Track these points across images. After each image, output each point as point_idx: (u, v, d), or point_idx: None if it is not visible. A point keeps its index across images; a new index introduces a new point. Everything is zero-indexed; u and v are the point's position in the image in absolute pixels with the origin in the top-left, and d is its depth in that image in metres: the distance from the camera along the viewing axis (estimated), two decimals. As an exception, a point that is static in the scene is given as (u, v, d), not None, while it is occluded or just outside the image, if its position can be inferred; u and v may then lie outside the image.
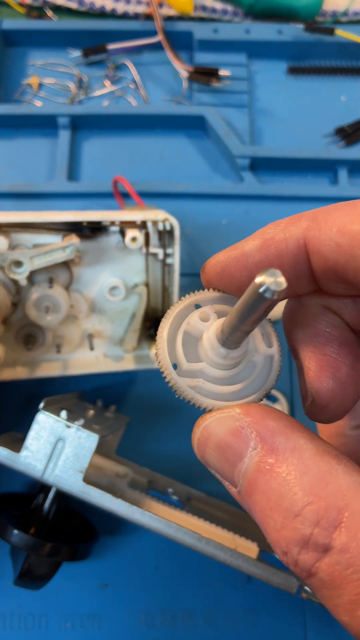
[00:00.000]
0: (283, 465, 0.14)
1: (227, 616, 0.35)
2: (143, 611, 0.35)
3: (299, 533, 0.13)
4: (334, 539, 0.13)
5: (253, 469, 0.15)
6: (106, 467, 0.33)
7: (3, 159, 0.45)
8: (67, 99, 0.47)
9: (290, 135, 0.47)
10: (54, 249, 0.29)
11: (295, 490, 0.14)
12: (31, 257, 0.29)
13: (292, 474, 0.14)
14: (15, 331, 0.32)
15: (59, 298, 0.31)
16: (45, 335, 0.32)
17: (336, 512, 0.13)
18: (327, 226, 0.15)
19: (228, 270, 0.17)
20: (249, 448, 0.15)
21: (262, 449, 0.15)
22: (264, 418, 0.15)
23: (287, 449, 0.14)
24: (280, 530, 0.14)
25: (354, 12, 0.50)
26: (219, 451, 0.16)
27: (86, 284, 0.33)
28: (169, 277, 0.33)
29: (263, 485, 0.14)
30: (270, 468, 0.14)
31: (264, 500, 0.14)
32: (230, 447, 0.15)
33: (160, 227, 0.31)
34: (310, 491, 0.14)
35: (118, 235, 0.32)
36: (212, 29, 0.47)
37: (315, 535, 0.13)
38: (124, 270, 0.33)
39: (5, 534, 0.28)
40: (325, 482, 0.14)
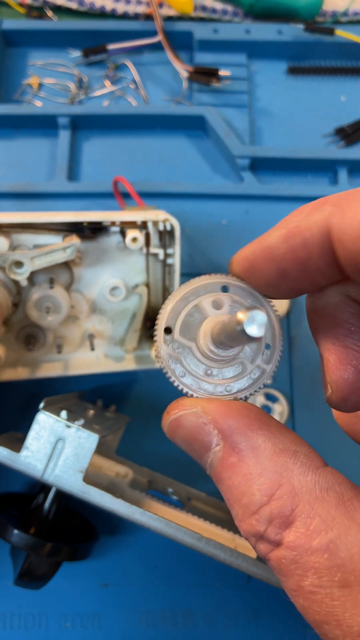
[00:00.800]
0: (243, 464, 0.15)
1: (227, 616, 0.35)
2: (143, 611, 0.35)
3: (255, 528, 0.15)
4: (283, 536, 0.14)
5: (218, 464, 0.16)
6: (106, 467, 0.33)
7: (3, 159, 0.45)
8: (67, 99, 0.47)
9: (290, 135, 0.47)
10: (54, 250, 0.29)
11: (252, 490, 0.15)
12: (32, 257, 0.29)
13: (251, 474, 0.15)
14: (16, 332, 0.32)
15: (59, 299, 0.31)
16: (46, 335, 0.32)
17: (288, 513, 0.14)
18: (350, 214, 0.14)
19: (255, 265, 0.17)
20: (212, 444, 0.16)
21: (224, 447, 0.16)
22: (224, 416, 0.16)
23: (247, 449, 0.15)
24: (240, 521, 0.15)
25: (354, 12, 0.50)
26: (186, 442, 0.17)
27: (87, 284, 0.33)
28: (169, 277, 0.33)
29: (226, 480, 0.16)
30: (231, 465, 0.15)
31: (228, 492, 0.16)
32: (196, 440, 0.16)
33: (160, 228, 0.31)
34: (265, 492, 0.15)
35: (118, 236, 0.32)
36: (212, 29, 0.47)
37: (268, 532, 0.15)
38: (125, 271, 0.33)
39: (5, 534, 0.28)
40: (279, 483, 0.15)
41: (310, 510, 0.14)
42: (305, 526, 0.14)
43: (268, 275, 0.17)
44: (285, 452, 0.15)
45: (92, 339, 0.33)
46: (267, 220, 0.43)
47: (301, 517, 0.14)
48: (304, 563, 0.14)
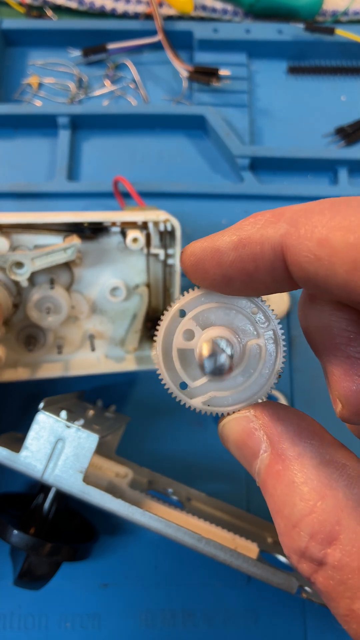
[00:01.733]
0: (287, 472, 0.15)
1: (227, 616, 0.35)
2: (143, 611, 0.35)
3: (296, 544, 0.14)
4: (328, 554, 0.13)
5: (264, 471, 0.15)
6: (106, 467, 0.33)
7: (3, 158, 0.44)
8: (67, 98, 0.47)
9: (290, 135, 0.47)
10: (55, 250, 0.29)
11: (295, 501, 0.14)
12: (32, 258, 0.29)
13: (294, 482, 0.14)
14: (16, 332, 0.32)
15: (60, 299, 0.31)
16: (47, 336, 0.32)
17: (330, 527, 0.13)
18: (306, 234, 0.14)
19: (202, 264, 0.16)
20: (261, 450, 0.16)
21: (271, 453, 0.15)
22: (273, 421, 0.16)
23: (293, 457, 0.15)
24: (282, 535, 0.14)
25: (354, 12, 0.50)
26: (237, 449, 0.17)
27: (87, 284, 0.33)
28: (170, 277, 0.33)
29: (271, 488, 0.15)
30: (276, 473, 0.15)
31: (272, 502, 0.15)
32: (246, 446, 0.16)
33: (161, 228, 0.31)
34: (308, 502, 0.14)
35: (119, 236, 0.32)
36: (212, 29, 0.47)
37: (310, 548, 0.14)
38: (125, 271, 0.33)
39: (5, 534, 0.28)
40: (324, 495, 0.14)
41: (356, 525, 0.13)
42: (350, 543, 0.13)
43: (213, 277, 0.16)
44: (333, 464, 0.14)
45: (93, 340, 0.33)
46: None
47: (346, 533, 0.13)
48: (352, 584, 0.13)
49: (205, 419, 0.38)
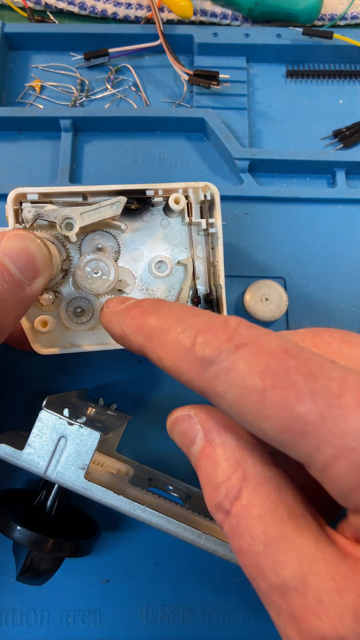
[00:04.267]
0: (214, 454, 0.20)
1: (226, 611, 0.35)
2: (143, 607, 0.35)
3: (215, 501, 0.20)
4: (233, 506, 0.19)
5: (198, 453, 0.21)
6: (107, 465, 0.34)
7: (7, 161, 0.45)
8: (69, 101, 0.48)
9: (288, 137, 0.47)
10: (102, 206, 0.31)
11: (217, 472, 0.20)
12: (81, 213, 0.31)
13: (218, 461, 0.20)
14: (65, 305, 0.33)
15: (108, 262, 0.32)
16: (94, 308, 0.33)
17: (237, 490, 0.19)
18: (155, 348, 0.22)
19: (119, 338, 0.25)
20: (197, 438, 0.21)
21: (204, 441, 0.21)
22: (207, 419, 0.21)
23: (219, 443, 0.21)
24: (207, 497, 0.20)
25: (352, 16, 0.51)
26: (180, 436, 0.22)
27: (133, 261, 0.34)
28: (213, 252, 0.34)
29: (202, 465, 0.21)
30: (207, 454, 0.21)
31: (202, 475, 0.21)
32: (187, 435, 0.22)
33: (201, 197, 0.33)
34: (225, 474, 0.20)
35: (162, 213, 0.34)
36: (212, 33, 0.47)
37: (223, 503, 0.19)
38: (170, 247, 0.34)
39: (8, 530, 0.29)
40: (236, 469, 0.20)
41: (253, 490, 0.19)
42: (247, 500, 0.19)
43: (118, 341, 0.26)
44: (246, 449, 0.20)
45: None
46: (267, 222, 0.44)
47: (245, 494, 0.19)
48: (241, 527, 0.19)
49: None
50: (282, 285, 0.42)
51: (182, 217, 0.34)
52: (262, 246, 0.43)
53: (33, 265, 0.27)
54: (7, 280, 0.25)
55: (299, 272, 0.42)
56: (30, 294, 0.27)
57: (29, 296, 0.27)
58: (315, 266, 0.43)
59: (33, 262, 0.27)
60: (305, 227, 0.44)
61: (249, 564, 0.18)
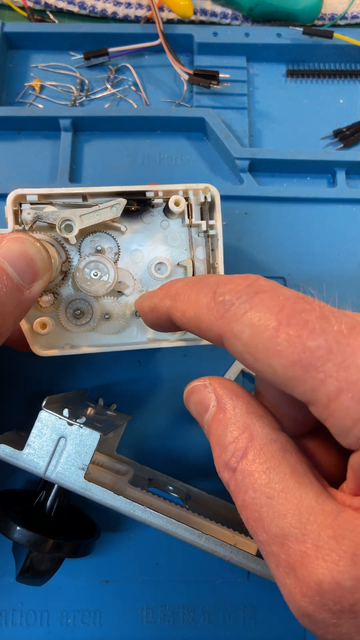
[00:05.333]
0: (225, 418, 0.22)
1: (226, 612, 0.35)
2: (143, 607, 0.35)
3: (223, 459, 0.21)
4: (239, 463, 0.21)
5: (211, 419, 0.23)
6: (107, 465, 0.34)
7: (7, 160, 0.45)
8: (68, 101, 0.47)
9: (289, 137, 0.47)
10: (102, 207, 0.31)
11: (227, 434, 0.22)
12: (81, 215, 0.31)
13: (228, 424, 0.22)
14: (64, 307, 0.33)
15: (107, 264, 0.32)
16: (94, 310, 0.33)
17: (243, 450, 0.21)
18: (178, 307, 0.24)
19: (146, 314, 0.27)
20: (210, 405, 0.23)
21: (217, 407, 0.23)
22: (220, 387, 0.23)
23: (229, 408, 0.22)
24: (216, 457, 0.22)
25: (353, 15, 0.51)
26: (195, 404, 0.24)
27: (132, 263, 0.34)
28: (213, 254, 0.34)
29: (213, 429, 0.22)
30: (218, 419, 0.22)
31: (213, 438, 0.22)
32: (201, 403, 0.23)
33: (201, 198, 0.33)
34: (234, 435, 0.21)
35: (162, 215, 0.34)
36: (212, 32, 0.47)
37: (230, 461, 0.21)
38: (169, 248, 0.34)
39: (7, 531, 0.29)
40: (243, 430, 0.21)
41: (259, 449, 0.20)
42: (253, 458, 0.20)
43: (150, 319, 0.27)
44: (254, 414, 0.22)
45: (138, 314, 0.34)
46: (267, 222, 0.44)
47: (251, 452, 0.20)
48: (246, 483, 0.20)
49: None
50: (282, 285, 0.42)
51: (182, 219, 0.34)
52: (262, 246, 0.43)
53: (32, 269, 0.27)
54: (5, 284, 0.26)
55: (299, 272, 0.42)
56: (29, 298, 0.27)
57: (27, 299, 0.27)
58: (315, 266, 0.43)
59: (32, 266, 0.27)
60: (305, 227, 0.44)
61: (252, 517, 0.19)
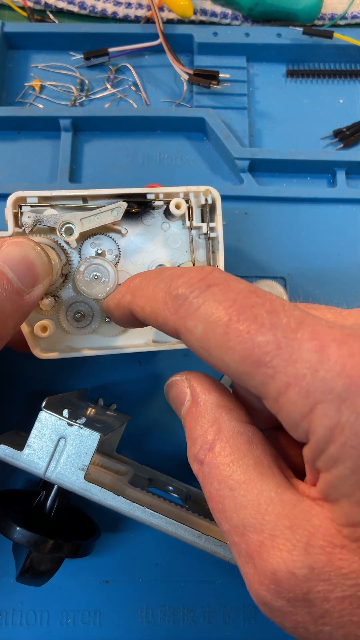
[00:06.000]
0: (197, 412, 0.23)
1: (226, 612, 0.35)
2: (143, 607, 0.35)
3: (193, 452, 0.22)
4: (206, 456, 0.21)
5: (185, 412, 0.24)
6: (107, 465, 0.34)
7: (7, 160, 0.45)
8: (68, 101, 0.47)
9: (289, 137, 0.47)
10: (102, 211, 0.31)
11: (197, 427, 0.22)
12: (81, 218, 0.31)
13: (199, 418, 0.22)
14: (65, 309, 0.33)
15: (108, 267, 0.32)
16: (94, 311, 0.33)
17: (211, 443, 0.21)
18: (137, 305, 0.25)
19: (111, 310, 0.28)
20: (186, 399, 0.24)
21: (191, 401, 0.23)
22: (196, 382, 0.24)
23: (202, 402, 0.23)
24: (188, 451, 0.22)
25: (353, 15, 0.51)
26: (173, 398, 0.25)
27: (133, 264, 0.34)
28: (213, 256, 0.34)
29: (187, 422, 0.23)
30: (192, 413, 0.23)
31: (186, 431, 0.23)
32: (178, 397, 0.24)
33: (202, 201, 0.33)
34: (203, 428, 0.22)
35: (163, 217, 0.34)
36: (212, 32, 0.47)
37: (199, 454, 0.21)
38: (170, 250, 0.34)
39: (7, 531, 0.29)
40: (212, 424, 0.22)
41: (225, 442, 0.21)
42: (219, 450, 0.21)
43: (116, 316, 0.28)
44: (224, 407, 0.22)
45: None
46: (267, 222, 0.44)
47: (218, 445, 0.21)
48: (211, 475, 0.21)
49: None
50: (282, 285, 0.42)
51: (182, 221, 0.34)
52: (262, 246, 0.43)
53: (32, 273, 0.27)
54: (5, 289, 0.26)
55: (299, 272, 0.42)
56: (29, 302, 0.27)
57: (28, 304, 0.27)
58: (315, 266, 0.43)
59: (32, 270, 0.27)
60: (305, 227, 0.44)
61: (216, 508, 0.20)
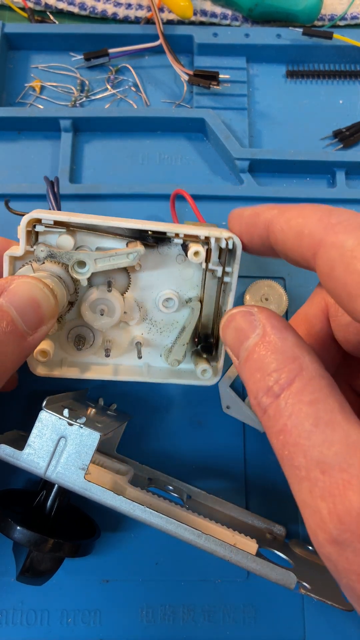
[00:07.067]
0: (272, 346, 0.22)
1: (226, 611, 0.35)
2: (143, 606, 0.35)
3: (265, 384, 0.21)
4: (284, 391, 0.21)
5: (253, 344, 0.23)
6: (107, 465, 0.34)
7: (7, 161, 0.45)
8: (69, 102, 0.48)
9: (288, 137, 0.47)
10: (118, 254, 0.30)
11: (272, 361, 0.22)
12: (95, 259, 0.30)
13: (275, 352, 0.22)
14: (67, 330, 0.33)
15: (115, 302, 0.31)
16: (96, 337, 0.33)
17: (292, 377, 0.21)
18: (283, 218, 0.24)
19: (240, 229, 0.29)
20: (255, 333, 0.23)
21: (262, 335, 0.23)
22: (269, 317, 0.23)
23: (279, 338, 0.22)
24: (256, 382, 0.22)
25: (352, 16, 0.51)
26: (235, 330, 0.24)
27: (142, 291, 0.33)
28: (224, 295, 0.32)
29: (256, 354, 0.22)
30: (265, 346, 0.22)
31: (253, 364, 0.22)
32: (243, 330, 0.23)
33: (222, 245, 0.30)
34: (281, 364, 0.21)
35: (179, 248, 0.32)
36: (212, 33, 0.47)
37: (273, 387, 0.21)
38: (180, 283, 0.33)
39: (8, 530, 0.29)
40: (292, 361, 0.21)
41: (307, 381, 0.20)
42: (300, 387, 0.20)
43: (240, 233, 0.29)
44: (304, 348, 0.22)
45: (140, 347, 0.33)
46: (266, 222, 0.44)
47: (299, 383, 0.20)
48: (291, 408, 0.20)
49: (206, 418, 0.39)
50: (282, 285, 0.42)
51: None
52: (262, 246, 0.43)
53: (38, 315, 0.26)
54: (8, 330, 0.25)
55: (299, 272, 0.42)
56: (32, 343, 0.27)
57: (30, 345, 0.27)
58: (315, 266, 0.43)
59: (38, 312, 0.26)
60: (305, 227, 0.44)
61: (290, 442, 0.20)
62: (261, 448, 0.38)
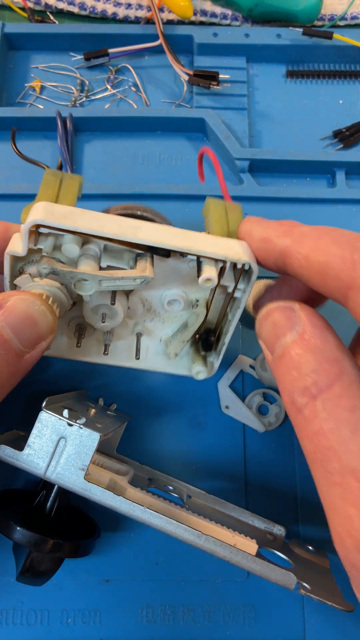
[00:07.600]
0: (312, 345, 0.21)
1: (226, 611, 0.35)
2: (143, 607, 0.35)
3: (302, 384, 0.21)
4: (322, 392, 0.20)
5: (291, 341, 0.22)
6: (107, 465, 0.34)
7: (7, 160, 0.45)
8: (69, 102, 0.48)
9: (288, 137, 0.47)
10: (125, 278, 0.28)
11: (311, 361, 0.21)
12: (100, 280, 0.28)
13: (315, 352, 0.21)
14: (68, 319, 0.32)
15: (118, 309, 0.30)
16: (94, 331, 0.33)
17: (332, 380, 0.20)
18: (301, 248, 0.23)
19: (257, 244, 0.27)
20: (294, 329, 0.22)
21: (301, 333, 0.22)
22: (311, 315, 0.22)
23: (319, 338, 0.21)
24: (292, 382, 0.21)
25: (352, 16, 0.51)
26: (273, 324, 0.23)
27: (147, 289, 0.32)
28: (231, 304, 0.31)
29: (293, 352, 0.21)
30: (304, 345, 0.21)
31: (289, 361, 0.21)
32: (281, 325, 0.23)
33: (238, 266, 0.28)
34: (320, 365, 0.21)
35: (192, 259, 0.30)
36: (212, 33, 0.47)
37: (310, 388, 0.20)
38: (189, 285, 0.32)
39: (8, 531, 0.29)
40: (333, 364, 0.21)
41: (347, 385, 0.20)
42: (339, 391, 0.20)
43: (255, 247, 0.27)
44: (345, 351, 0.21)
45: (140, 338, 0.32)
46: (266, 222, 0.44)
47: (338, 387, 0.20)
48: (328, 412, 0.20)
49: (205, 418, 0.39)
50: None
51: None
52: (262, 246, 0.43)
53: (35, 333, 0.26)
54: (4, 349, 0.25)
55: (299, 273, 0.42)
56: (28, 362, 0.26)
57: (27, 364, 0.26)
58: (315, 266, 0.43)
59: (35, 330, 0.26)
60: (305, 227, 0.44)
61: (325, 445, 0.19)
62: (261, 448, 0.38)
